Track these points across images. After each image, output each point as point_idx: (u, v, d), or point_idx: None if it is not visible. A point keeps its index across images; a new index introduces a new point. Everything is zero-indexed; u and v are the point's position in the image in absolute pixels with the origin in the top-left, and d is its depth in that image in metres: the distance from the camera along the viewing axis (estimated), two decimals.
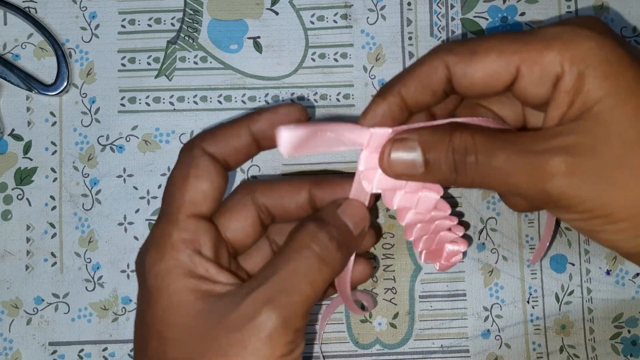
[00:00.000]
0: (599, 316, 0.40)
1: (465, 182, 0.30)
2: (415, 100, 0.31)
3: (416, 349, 0.40)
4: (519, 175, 0.28)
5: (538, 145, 0.28)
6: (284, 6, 0.42)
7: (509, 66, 0.29)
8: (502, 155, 0.28)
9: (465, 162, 0.29)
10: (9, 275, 0.40)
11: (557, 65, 0.28)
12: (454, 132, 0.29)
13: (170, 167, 0.41)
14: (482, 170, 0.29)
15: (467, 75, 0.30)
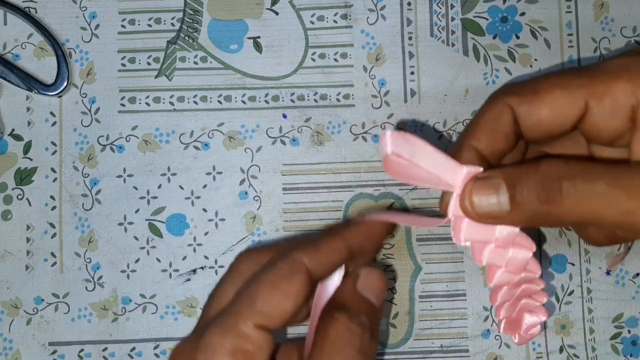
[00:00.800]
0: (599, 316, 0.40)
1: (560, 213, 0.27)
2: (490, 149, 0.29)
3: (416, 348, 0.40)
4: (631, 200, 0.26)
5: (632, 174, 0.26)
6: (284, 6, 0.42)
7: (576, 101, 0.28)
8: (607, 178, 0.26)
9: (560, 189, 0.26)
10: (9, 275, 0.40)
11: (630, 96, 0.27)
12: (542, 161, 0.27)
13: (171, 167, 0.41)
14: (583, 195, 0.26)
15: (533, 115, 0.28)
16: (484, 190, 0.28)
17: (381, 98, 0.41)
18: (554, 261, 0.40)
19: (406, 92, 0.41)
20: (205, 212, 0.41)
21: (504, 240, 0.29)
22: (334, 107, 0.41)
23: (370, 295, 0.30)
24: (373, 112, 0.41)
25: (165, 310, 0.40)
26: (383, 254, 0.40)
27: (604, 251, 0.41)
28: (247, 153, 0.41)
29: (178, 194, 0.41)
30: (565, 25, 0.41)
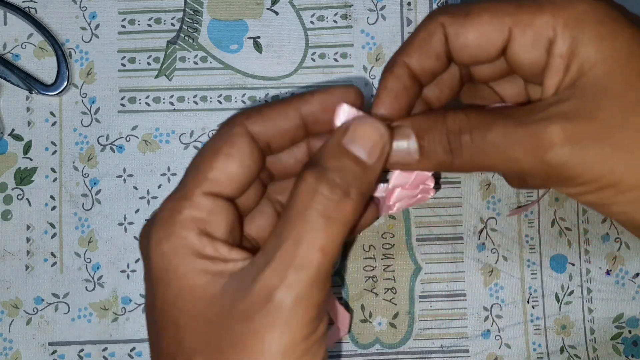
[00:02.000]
0: (599, 316, 0.40)
1: (462, 163, 0.28)
2: (421, 67, 0.30)
3: (416, 348, 0.40)
4: (517, 149, 0.27)
5: (535, 115, 0.27)
6: (284, 6, 0.42)
7: (501, 28, 0.28)
8: (497, 129, 0.27)
9: (460, 142, 0.28)
10: (9, 275, 0.40)
11: (549, 29, 0.27)
12: (447, 113, 0.28)
13: (171, 167, 0.41)
14: (479, 147, 0.27)
15: (461, 37, 0.29)
16: (395, 139, 0.29)
17: None
18: (553, 261, 0.40)
19: None
20: None
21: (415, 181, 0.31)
22: None
23: (358, 149, 0.27)
24: None
25: None
26: (383, 254, 0.40)
27: (604, 251, 0.40)
28: None
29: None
30: None
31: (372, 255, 0.40)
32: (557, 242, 0.41)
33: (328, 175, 0.26)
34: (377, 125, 0.28)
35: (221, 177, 0.28)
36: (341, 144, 0.27)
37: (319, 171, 0.26)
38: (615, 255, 0.40)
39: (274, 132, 0.29)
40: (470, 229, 0.41)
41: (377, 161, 0.28)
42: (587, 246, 0.40)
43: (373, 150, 0.28)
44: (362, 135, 0.28)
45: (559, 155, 0.26)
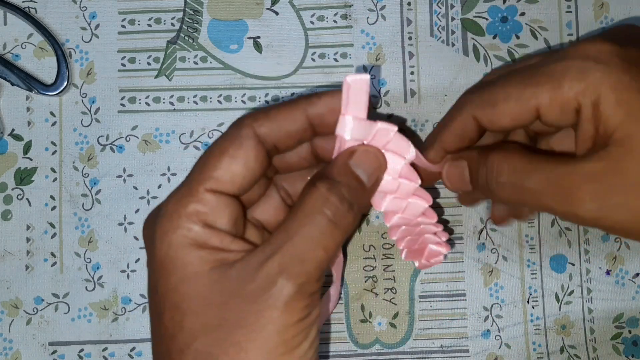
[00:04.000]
0: (599, 316, 0.40)
1: (501, 200, 0.32)
2: (457, 148, 0.34)
3: (416, 348, 0.40)
4: (550, 199, 0.30)
5: (570, 169, 0.30)
6: (284, 6, 0.42)
7: (528, 109, 0.31)
8: (533, 179, 0.30)
9: (498, 182, 0.32)
10: (9, 275, 0.40)
11: (573, 100, 0.30)
12: (491, 154, 0.32)
13: (171, 167, 0.41)
14: (514, 189, 0.31)
15: (495, 123, 0.32)
16: (452, 169, 0.34)
17: (381, 98, 0.41)
18: (553, 261, 0.40)
19: (406, 92, 0.41)
20: None
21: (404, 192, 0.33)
22: None
23: (361, 172, 0.31)
24: (373, 112, 0.41)
25: None
26: (383, 254, 0.40)
27: (604, 251, 0.40)
28: None
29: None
30: (565, 25, 0.41)
31: (372, 255, 0.40)
32: (557, 242, 0.41)
33: (339, 188, 0.30)
34: (378, 156, 0.31)
35: (225, 177, 0.30)
36: (348, 165, 0.31)
37: (331, 183, 0.30)
38: (615, 255, 0.40)
39: (281, 134, 0.31)
40: (470, 229, 0.41)
41: (373, 185, 0.32)
42: (587, 246, 0.40)
43: (372, 175, 0.31)
44: (365, 161, 0.31)
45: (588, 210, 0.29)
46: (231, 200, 0.30)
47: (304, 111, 0.31)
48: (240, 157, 0.30)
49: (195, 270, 0.29)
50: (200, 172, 0.30)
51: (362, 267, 0.40)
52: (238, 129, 0.30)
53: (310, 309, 0.29)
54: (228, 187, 0.30)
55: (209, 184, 0.29)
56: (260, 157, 0.30)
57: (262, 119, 0.30)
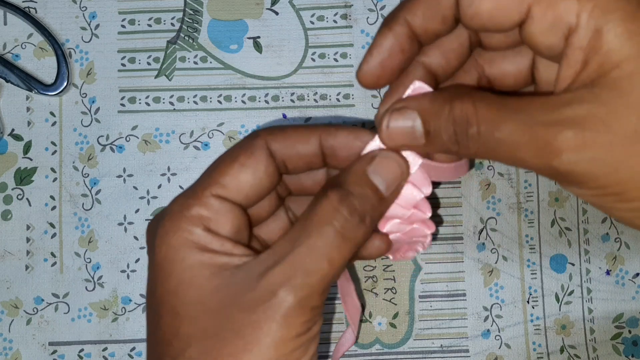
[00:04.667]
0: (599, 316, 0.40)
1: (468, 154, 0.28)
2: (424, 28, 0.29)
3: (416, 348, 0.40)
4: (524, 150, 0.26)
5: (546, 115, 0.26)
6: (284, 6, 0.42)
7: (520, 2, 0.26)
8: (506, 127, 0.26)
9: (467, 133, 0.27)
10: (9, 275, 0.40)
11: (572, 15, 0.25)
12: (455, 101, 0.27)
13: (171, 167, 0.41)
14: (485, 142, 0.27)
15: (474, 4, 0.27)
16: (400, 120, 0.29)
17: (381, 98, 0.41)
18: (553, 261, 0.40)
19: None
20: None
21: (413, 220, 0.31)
22: (334, 107, 0.41)
23: (379, 180, 0.29)
24: (373, 112, 0.41)
25: None
26: None
27: (604, 251, 0.40)
28: None
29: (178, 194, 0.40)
30: None
31: None
32: (557, 242, 0.41)
33: (350, 199, 0.28)
34: (400, 162, 0.29)
35: (232, 184, 0.29)
36: (365, 173, 0.29)
37: (342, 193, 0.28)
38: (615, 255, 0.40)
39: (291, 153, 0.30)
40: (470, 229, 0.41)
41: (392, 194, 0.29)
42: (587, 246, 0.41)
43: (391, 184, 0.29)
44: (385, 168, 0.29)
45: (567, 162, 0.25)
46: (236, 208, 0.29)
47: (317, 134, 0.30)
48: (250, 167, 0.29)
49: (194, 274, 0.28)
50: (209, 176, 0.29)
51: (362, 267, 0.40)
52: (252, 139, 0.30)
53: (310, 324, 0.28)
54: (234, 195, 0.29)
55: (215, 189, 0.29)
56: (270, 170, 0.30)
57: (277, 134, 0.30)
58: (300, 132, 0.30)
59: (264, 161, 0.29)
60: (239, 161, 0.29)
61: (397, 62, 0.29)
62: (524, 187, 0.41)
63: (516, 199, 0.41)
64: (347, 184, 0.29)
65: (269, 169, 0.30)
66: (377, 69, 0.29)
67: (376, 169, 0.29)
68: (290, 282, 0.27)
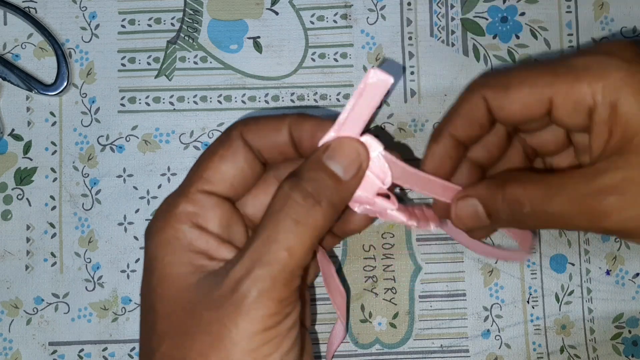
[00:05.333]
0: (599, 316, 0.40)
1: (527, 227, 0.32)
2: (466, 135, 0.33)
3: (416, 348, 0.40)
4: (577, 219, 0.29)
5: (589, 186, 0.29)
6: (284, 6, 0.42)
7: (542, 98, 0.30)
8: (556, 202, 0.29)
9: (522, 213, 0.30)
10: (9, 275, 0.40)
11: (589, 98, 0.29)
12: (506, 185, 0.31)
13: (170, 167, 0.41)
14: (540, 217, 0.30)
15: (505, 108, 0.31)
16: (465, 209, 0.33)
17: None
18: (553, 261, 0.40)
19: (406, 92, 0.41)
20: None
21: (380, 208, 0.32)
22: (334, 107, 0.41)
23: (336, 166, 0.29)
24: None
25: None
26: (383, 254, 0.40)
27: (604, 251, 0.40)
28: None
29: None
30: (565, 25, 0.41)
31: (372, 255, 0.40)
32: (557, 242, 0.41)
33: (302, 184, 0.29)
34: (355, 145, 0.30)
35: (215, 177, 0.30)
36: (320, 159, 0.29)
37: (294, 180, 0.29)
38: (615, 255, 0.40)
39: (265, 143, 0.31)
40: None
41: (354, 177, 0.30)
42: (587, 246, 0.40)
43: (349, 167, 0.30)
44: (340, 153, 0.30)
45: (616, 222, 0.29)
46: (224, 202, 0.30)
47: (289, 127, 0.31)
48: (229, 158, 0.30)
49: (173, 272, 0.29)
50: (193, 173, 0.30)
51: (362, 267, 0.40)
52: (228, 132, 0.31)
53: (279, 317, 0.28)
54: (220, 188, 0.30)
55: (200, 185, 0.30)
56: (250, 159, 0.31)
57: (251, 124, 0.31)
58: (272, 122, 0.31)
59: (242, 151, 0.30)
60: (218, 154, 0.30)
61: (447, 167, 0.33)
62: None
63: None
64: (300, 171, 0.29)
65: (249, 158, 0.30)
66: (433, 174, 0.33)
67: (332, 154, 0.29)
68: (250, 275, 0.27)
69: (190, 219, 0.29)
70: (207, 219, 0.30)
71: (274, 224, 0.28)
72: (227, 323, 0.27)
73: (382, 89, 0.29)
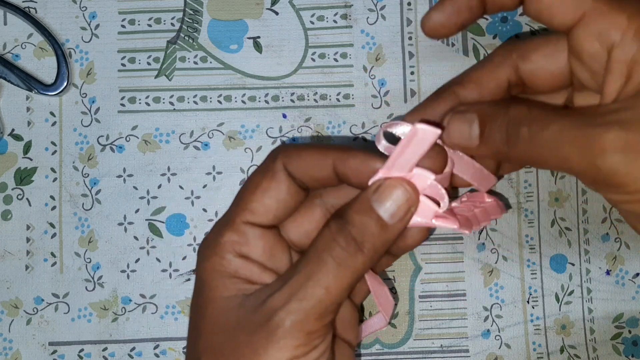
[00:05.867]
0: (599, 316, 0.40)
1: (517, 155, 0.29)
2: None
3: (416, 348, 0.40)
4: (569, 149, 0.27)
5: (593, 119, 0.27)
6: (284, 6, 0.42)
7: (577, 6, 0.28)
8: (554, 126, 0.28)
9: (518, 133, 0.29)
10: (9, 275, 0.40)
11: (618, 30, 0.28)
12: (511, 103, 0.30)
13: (170, 167, 0.41)
14: (534, 142, 0.28)
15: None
16: (459, 122, 0.31)
17: (381, 98, 0.41)
18: (553, 261, 0.40)
19: (406, 92, 0.41)
20: (205, 212, 0.41)
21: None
22: (334, 107, 0.41)
23: (384, 210, 0.30)
24: (373, 112, 0.41)
25: (165, 310, 0.40)
26: None
27: (604, 251, 0.40)
28: (247, 153, 0.41)
29: (178, 194, 0.41)
30: None
31: None
32: (557, 242, 0.41)
33: (348, 229, 0.29)
34: (406, 189, 0.30)
35: (259, 209, 0.31)
36: (368, 201, 0.30)
37: (341, 223, 0.30)
38: (615, 255, 0.40)
39: (308, 176, 0.31)
40: None
41: (399, 222, 0.30)
42: (587, 246, 0.40)
43: (397, 213, 0.30)
44: (389, 197, 0.30)
45: (611, 161, 0.26)
46: (266, 231, 0.32)
47: (329, 156, 0.31)
48: (272, 190, 0.31)
49: (218, 295, 0.31)
50: (238, 204, 0.32)
51: None
52: (271, 163, 0.32)
53: (307, 349, 0.29)
54: (263, 219, 0.31)
55: (244, 216, 0.31)
56: (292, 189, 0.31)
57: (293, 156, 0.31)
58: (315, 155, 0.31)
59: (284, 183, 0.31)
60: (262, 187, 0.31)
61: (462, 19, 0.31)
62: (524, 187, 0.41)
63: (516, 199, 0.41)
64: (348, 213, 0.30)
65: (291, 189, 0.31)
66: (443, 21, 0.31)
67: (380, 198, 0.30)
68: (286, 306, 0.29)
69: (235, 249, 0.31)
70: (251, 248, 0.31)
71: (316, 262, 0.29)
72: (259, 348, 0.29)
73: (432, 137, 0.29)
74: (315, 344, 0.30)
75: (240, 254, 0.31)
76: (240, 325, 0.30)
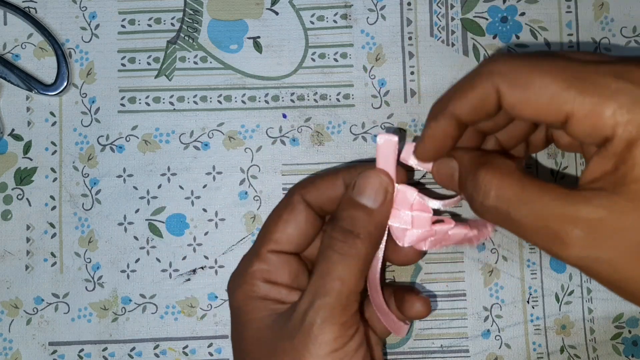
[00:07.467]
0: (599, 316, 0.40)
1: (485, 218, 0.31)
2: (470, 119, 0.31)
3: (416, 348, 0.40)
4: (536, 236, 0.28)
5: (563, 208, 0.27)
6: (284, 6, 0.42)
7: (560, 110, 0.28)
8: (522, 211, 0.28)
9: (487, 204, 0.30)
10: (9, 275, 0.40)
11: (609, 127, 0.27)
12: (480, 171, 0.30)
13: (170, 167, 0.41)
14: (499, 216, 0.29)
15: (518, 108, 0.29)
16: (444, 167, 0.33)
17: (381, 98, 0.41)
18: (553, 261, 0.40)
19: (406, 92, 0.41)
20: (205, 212, 0.41)
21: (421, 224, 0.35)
22: (334, 107, 0.41)
23: (364, 198, 0.33)
24: (373, 112, 0.41)
25: (165, 310, 0.40)
26: None
27: None
28: (247, 153, 0.41)
29: (178, 194, 0.41)
30: (565, 25, 0.41)
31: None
32: None
33: (339, 224, 0.33)
34: (377, 175, 0.34)
35: (282, 238, 0.35)
36: (350, 197, 0.34)
37: (332, 222, 0.33)
38: None
39: (324, 200, 0.35)
40: None
41: (382, 204, 0.33)
42: None
43: (377, 196, 0.33)
44: (365, 186, 0.33)
45: (574, 257, 0.27)
46: (291, 258, 0.35)
47: (341, 178, 0.35)
48: (293, 221, 0.35)
49: (253, 317, 0.34)
50: (263, 235, 0.35)
51: None
52: (290, 196, 0.35)
53: (345, 339, 0.32)
54: (286, 247, 0.35)
55: (270, 246, 0.35)
56: (311, 218, 0.35)
57: (309, 187, 0.35)
58: (327, 179, 0.35)
59: (303, 213, 0.35)
60: (283, 218, 0.35)
61: (447, 146, 0.33)
62: None
63: None
64: (336, 213, 0.34)
65: (310, 217, 0.35)
66: (432, 152, 0.33)
67: (359, 190, 0.33)
68: (313, 306, 0.32)
69: (263, 276, 0.35)
70: (277, 274, 0.35)
71: (325, 261, 0.32)
72: (301, 349, 0.32)
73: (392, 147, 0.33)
74: (350, 333, 0.32)
75: (269, 280, 0.35)
76: (278, 336, 0.33)
